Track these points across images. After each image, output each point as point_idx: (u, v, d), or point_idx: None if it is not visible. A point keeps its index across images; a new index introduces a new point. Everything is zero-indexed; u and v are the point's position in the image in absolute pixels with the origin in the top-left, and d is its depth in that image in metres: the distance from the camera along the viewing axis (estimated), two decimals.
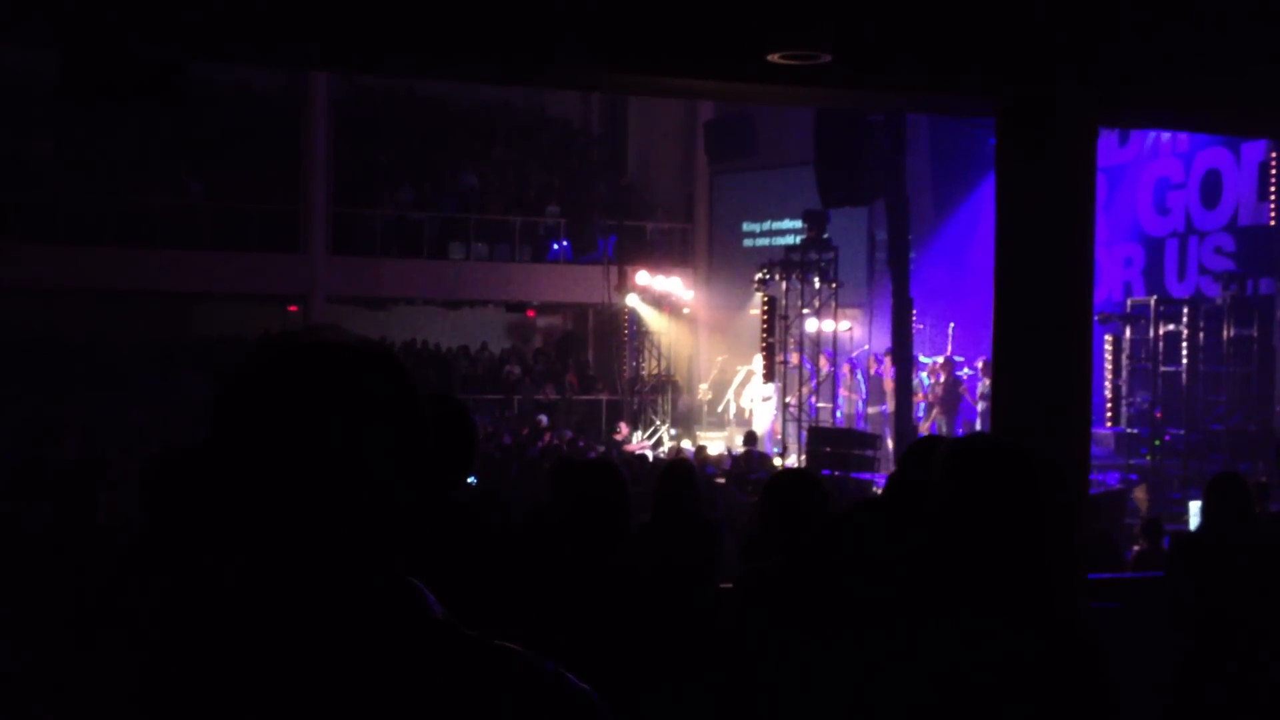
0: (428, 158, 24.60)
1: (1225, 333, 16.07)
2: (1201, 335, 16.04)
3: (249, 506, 1.18)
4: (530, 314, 26.19)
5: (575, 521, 3.77)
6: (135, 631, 2.79)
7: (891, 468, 13.34)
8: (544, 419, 20.53)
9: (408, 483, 1.22)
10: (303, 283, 22.66)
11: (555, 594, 3.63)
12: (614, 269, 23.11)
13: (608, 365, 24.38)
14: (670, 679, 3.95)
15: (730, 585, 5.28)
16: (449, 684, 1.16)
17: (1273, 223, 15.98)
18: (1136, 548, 9.27)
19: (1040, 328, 6.34)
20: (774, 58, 5.57)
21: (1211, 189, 17.15)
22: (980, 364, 17.14)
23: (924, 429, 16.84)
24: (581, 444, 18.70)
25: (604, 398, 23.14)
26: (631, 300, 22.95)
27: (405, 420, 1.22)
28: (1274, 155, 15.79)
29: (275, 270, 22.51)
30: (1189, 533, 8.57)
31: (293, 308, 23.12)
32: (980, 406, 16.87)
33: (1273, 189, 15.84)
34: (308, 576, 1.18)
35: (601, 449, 18.38)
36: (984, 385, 16.75)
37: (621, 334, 23.43)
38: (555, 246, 24.68)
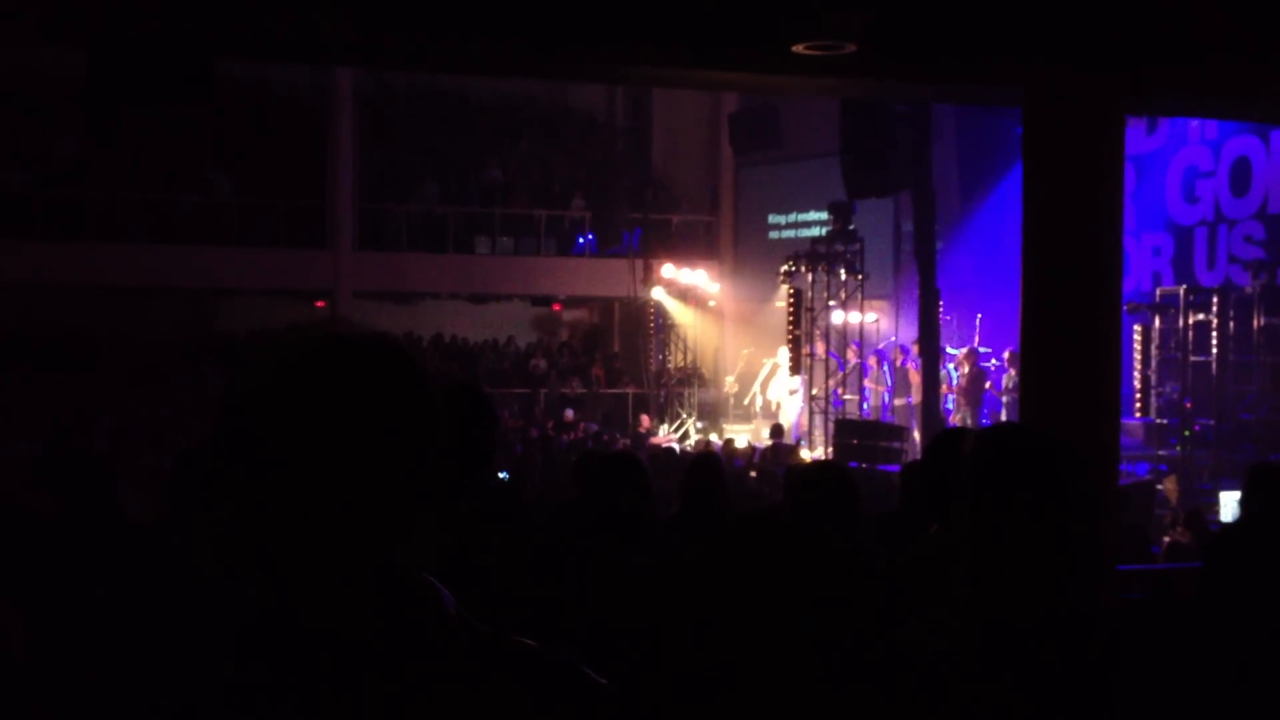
0: (452, 152, 24.64)
1: (1255, 321, 15.92)
2: (1231, 324, 15.89)
3: (259, 503, 1.17)
4: (556, 308, 26.21)
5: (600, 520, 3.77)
6: (156, 628, 2.81)
7: (916, 458, 13.30)
8: (570, 412, 20.56)
9: (421, 477, 1.21)
10: (329, 278, 22.76)
11: (578, 592, 3.63)
12: (639, 262, 23.10)
13: (634, 358, 24.38)
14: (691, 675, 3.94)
15: None
16: (462, 679, 1.16)
17: None
18: (1167, 539, 9.20)
19: (1068, 318, 6.30)
20: (799, 48, 5.54)
21: (1241, 176, 16.99)
22: (1006, 355, 17.05)
23: (955, 420, 16.78)
24: (607, 437, 18.71)
25: (630, 391, 23.15)
26: (657, 293, 22.94)
27: (417, 414, 1.21)
28: None
29: (302, 266, 22.61)
30: (1229, 524, 8.49)
31: (320, 303, 23.22)
32: (1005, 399, 16.78)
33: None
34: (319, 572, 1.17)
35: (627, 442, 18.39)
36: (1009, 377, 16.65)
37: (647, 327, 23.42)
38: (580, 240, 24.68)
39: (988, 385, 17.19)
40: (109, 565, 3.69)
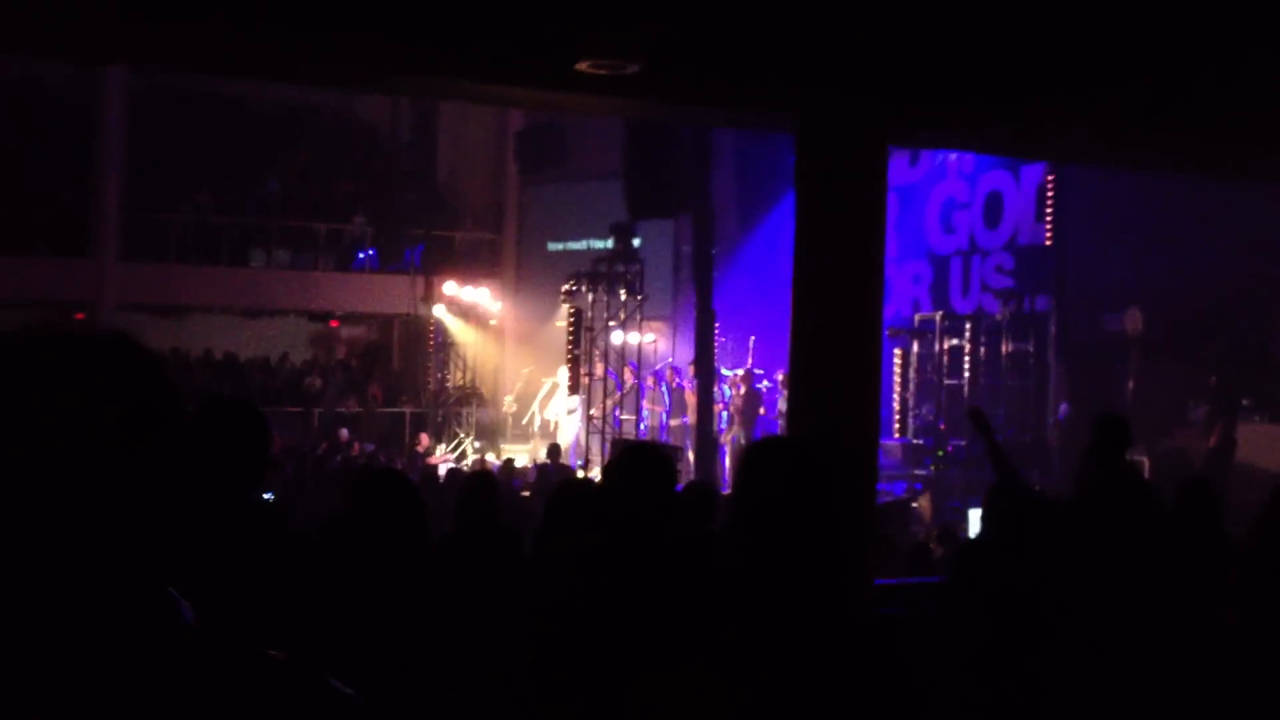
0: (228, 161, 23.89)
1: (1004, 347, 16.93)
2: (982, 349, 16.85)
3: None
4: (334, 324, 25.67)
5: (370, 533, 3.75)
6: None
7: (692, 478, 13.57)
8: (345, 432, 20.14)
9: (149, 481, 1.17)
10: (92, 289, 21.72)
11: (343, 605, 3.60)
12: (421, 279, 22.87)
13: (413, 377, 24.08)
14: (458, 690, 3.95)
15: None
16: (199, 687, 1.13)
17: (1048, 242, 16.92)
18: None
19: (834, 342, 6.59)
20: (583, 66, 5.66)
21: (993, 209, 18.06)
22: (780, 377, 17.59)
23: (725, 440, 17.18)
24: (384, 457, 18.40)
25: (408, 410, 22.84)
26: (438, 311, 22.74)
27: (146, 415, 1.17)
28: (1050, 178, 16.74)
29: (62, 276, 21.50)
30: (972, 540, 8.98)
31: (80, 315, 22.10)
32: (781, 421, 17.29)
33: (1049, 210, 16.79)
34: (43, 581, 1.12)
35: (404, 461, 18.15)
36: (784, 399, 17.17)
37: (427, 345, 23.19)
38: (361, 255, 24.27)
39: (762, 410, 17.68)
40: None
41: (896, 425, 16.65)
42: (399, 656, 3.61)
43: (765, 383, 18.24)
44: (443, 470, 16.55)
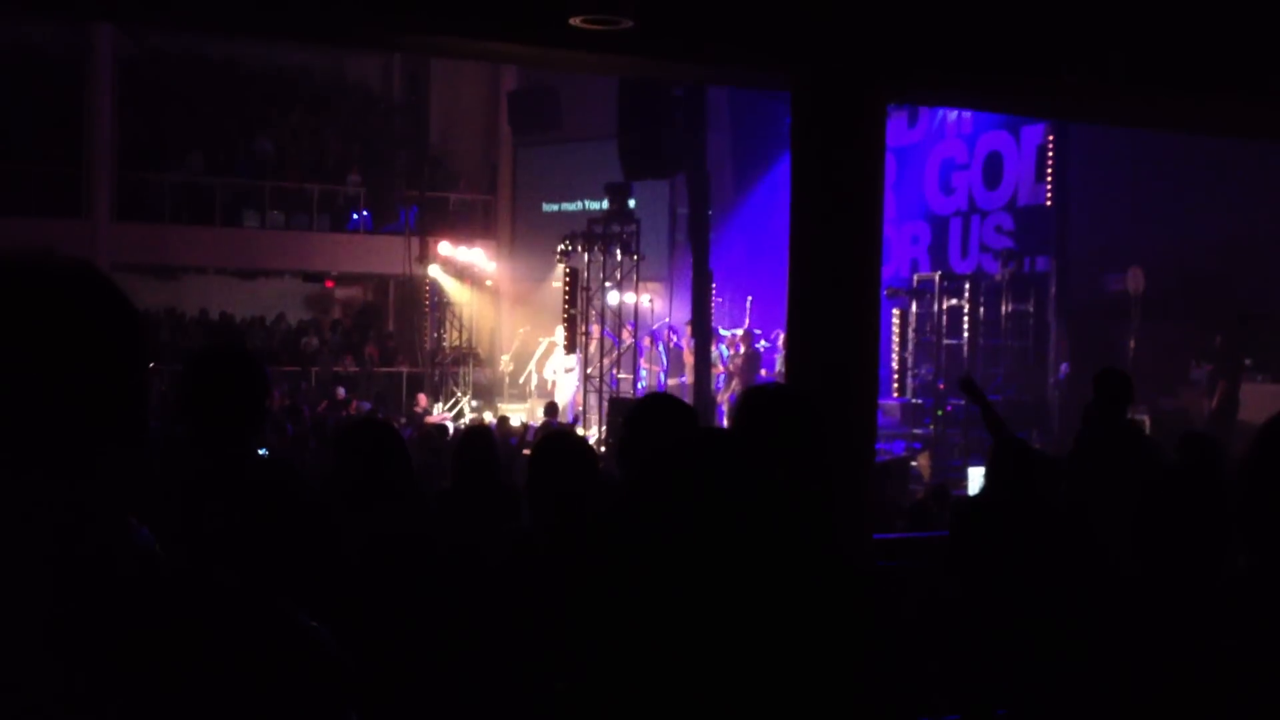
0: (220, 122, 23.73)
1: (1004, 308, 16.90)
2: (982, 310, 16.82)
3: None
4: (329, 285, 25.60)
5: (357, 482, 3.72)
6: None
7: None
8: (342, 391, 20.15)
9: (103, 409, 1.15)
10: (85, 249, 21.57)
11: (339, 558, 3.58)
12: (415, 240, 22.77)
13: (409, 337, 24.05)
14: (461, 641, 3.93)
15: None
16: (144, 612, 1.12)
17: (1049, 203, 16.85)
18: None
19: (832, 302, 6.54)
20: (576, 21, 5.58)
21: (993, 170, 17.96)
22: (781, 338, 17.55)
23: (723, 400, 17.18)
24: (381, 416, 18.40)
25: (405, 370, 22.83)
26: (433, 271, 22.68)
27: (103, 344, 1.15)
28: (1050, 138, 16.64)
29: (55, 236, 21.35)
30: (972, 496, 9.00)
31: None
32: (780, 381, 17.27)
33: (1049, 170, 16.70)
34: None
35: (403, 420, 18.15)
36: (782, 359, 17.16)
37: (423, 306, 23.13)
38: (355, 216, 24.16)
39: (764, 372, 17.67)
40: None
41: (895, 385, 16.65)
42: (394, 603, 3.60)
43: (764, 343, 18.22)
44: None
